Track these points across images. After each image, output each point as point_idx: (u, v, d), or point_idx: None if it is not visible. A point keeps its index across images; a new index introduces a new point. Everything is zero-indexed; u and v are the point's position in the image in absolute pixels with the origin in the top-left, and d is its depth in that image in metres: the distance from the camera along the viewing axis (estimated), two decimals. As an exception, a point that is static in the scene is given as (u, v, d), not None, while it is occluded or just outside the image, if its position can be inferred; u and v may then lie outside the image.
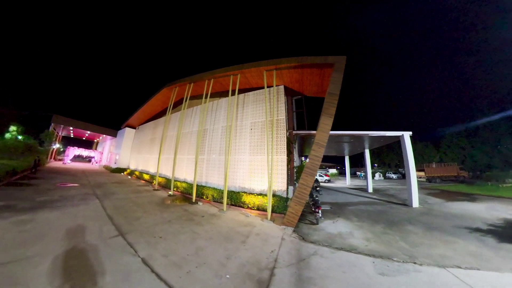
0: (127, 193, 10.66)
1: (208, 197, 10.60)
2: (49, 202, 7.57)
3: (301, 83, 11.69)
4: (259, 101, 11.83)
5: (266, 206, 8.86)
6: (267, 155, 10.28)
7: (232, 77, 11.71)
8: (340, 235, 6.24)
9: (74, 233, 4.93)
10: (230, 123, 10.83)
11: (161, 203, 9.09)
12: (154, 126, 21.41)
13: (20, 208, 6.59)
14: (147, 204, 8.60)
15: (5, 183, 10.70)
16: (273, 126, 9.90)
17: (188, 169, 13.43)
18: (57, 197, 8.45)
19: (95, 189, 11.24)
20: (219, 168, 11.69)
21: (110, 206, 7.72)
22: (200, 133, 11.67)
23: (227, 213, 8.37)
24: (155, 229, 5.74)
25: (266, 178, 10.04)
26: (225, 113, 12.79)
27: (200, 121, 13.04)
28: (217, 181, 11.55)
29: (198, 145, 11.29)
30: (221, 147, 11.97)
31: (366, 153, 19.53)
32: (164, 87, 17.42)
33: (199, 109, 14.77)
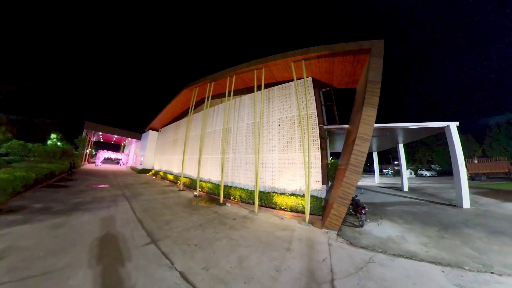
0: (153, 194, 10.49)
1: (235, 198, 10.01)
2: (82, 204, 7.50)
3: (331, 74, 10.61)
4: (285, 96, 10.98)
5: (300, 207, 8.07)
6: (301, 152, 9.49)
7: (256, 71, 11.00)
8: (391, 239, 5.46)
9: (106, 239, 4.55)
10: (256, 120, 10.16)
11: (188, 205, 8.69)
12: (176, 127, 21.57)
13: (55, 210, 6.52)
14: (174, 206, 8.23)
15: (45, 185, 11.15)
16: (307, 120, 9.04)
17: (212, 169, 13.01)
18: (89, 198, 8.43)
19: (123, 189, 11.26)
20: (246, 168, 11.06)
21: (139, 208, 7.44)
22: (225, 132, 11.14)
23: (259, 215, 7.68)
24: (188, 234, 5.20)
25: (298, 177, 9.20)
26: (249, 110, 12.15)
27: (223, 119, 12.55)
28: (243, 181, 10.92)
29: (224, 144, 10.78)
30: (247, 146, 11.34)
31: (400, 148, 17.61)
32: (184, 88, 17.30)
33: (221, 108, 14.32)
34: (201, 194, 11.34)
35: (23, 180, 8.68)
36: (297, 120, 10.08)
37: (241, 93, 13.59)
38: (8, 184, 7.80)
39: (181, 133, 19.54)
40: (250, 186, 10.59)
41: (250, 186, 10.59)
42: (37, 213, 6.15)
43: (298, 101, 9.00)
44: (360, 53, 8.49)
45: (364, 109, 6.90)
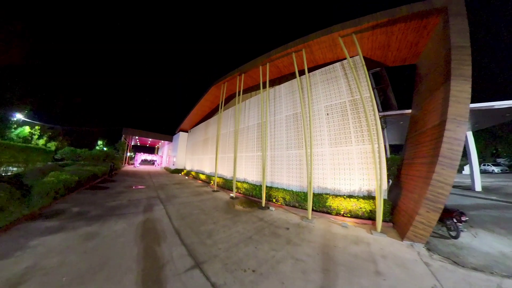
0: (188, 195, 9.67)
1: (278, 201, 8.58)
2: (117, 208, 6.88)
3: (385, 49, 8.48)
4: (331, 80, 9.14)
5: (362, 212, 6.35)
6: (358, 144, 7.63)
7: (294, 55, 9.39)
8: (507, 256, 4.05)
9: (138, 260, 3.49)
10: (301, 110, 8.59)
11: (227, 209, 7.53)
12: (205, 127, 21.11)
13: (90, 216, 5.92)
14: (213, 211, 7.13)
15: (88, 187, 11.26)
16: (363, 106, 7.16)
17: (247, 168, 11.79)
18: (125, 201, 7.87)
19: (158, 191, 10.73)
20: (288, 166, 9.53)
21: (175, 213, 6.50)
22: (263, 126, 9.78)
23: (315, 223, 6.12)
24: (239, 253, 3.91)
25: (357, 175, 7.36)
26: (287, 100, 10.59)
27: (260, 113, 11.28)
28: (286, 180, 9.42)
29: (264, 140, 9.42)
30: (289, 140, 9.80)
31: (469, 137, 14.08)
32: (212, 86, 16.48)
33: (253, 102, 13.02)
34: (237, 195, 10.19)
35: (66, 183, 8.58)
36: (350, 106, 8.20)
37: (273, 83, 12.12)
38: (51, 187, 7.66)
39: (211, 132, 18.91)
40: (294, 186, 9.04)
41: (294, 186, 9.04)
42: (73, 219, 5.59)
43: (358, 81, 7.13)
44: (429, 15, 6.35)
45: (453, 83, 4.94)
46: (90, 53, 76.54)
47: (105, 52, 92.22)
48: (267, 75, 10.09)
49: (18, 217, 5.58)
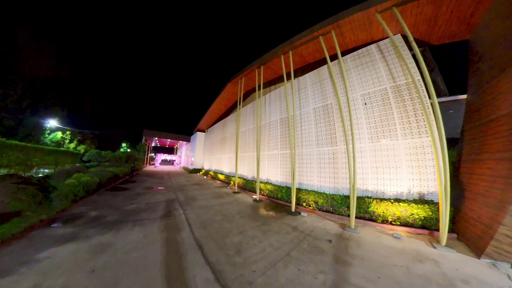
0: (208, 198, 8.97)
1: (309, 205, 7.51)
2: (135, 212, 6.34)
3: (432, 23, 7.01)
4: (366, 64, 7.83)
5: (413, 219, 5.16)
6: (406, 138, 6.30)
7: (321, 38, 8.19)
8: None
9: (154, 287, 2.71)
10: (326, 102, 7.42)
11: (253, 214, 6.64)
12: (222, 125, 20.56)
13: (106, 222, 5.40)
14: (237, 217, 6.29)
15: (110, 188, 11.16)
16: (418, 90, 5.81)
17: (270, 168, 10.82)
18: (143, 204, 7.37)
19: (177, 192, 10.22)
20: (319, 164, 8.39)
21: (195, 220, 5.76)
22: (290, 121, 8.76)
23: (360, 233, 5.02)
24: (279, 278, 2.98)
25: (405, 174, 6.10)
26: (314, 91, 9.42)
27: (282, 107, 10.28)
28: (317, 182, 8.28)
29: (293, 136, 8.39)
30: (319, 136, 8.64)
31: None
32: (228, 83, 15.73)
33: (274, 96, 12.00)
34: (261, 198, 9.27)
35: (87, 185, 8.36)
36: (393, 94, 6.87)
37: (296, 74, 10.98)
38: (71, 190, 7.42)
39: (228, 131, 18.27)
40: (327, 188, 7.89)
41: (327, 188, 7.89)
42: (88, 225, 5.11)
43: (405, 63, 5.80)
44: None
45: None
46: (110, 59, 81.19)
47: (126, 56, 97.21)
48: (291, 64, 8.99)
49: (34, 222, 5.26)
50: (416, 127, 6.17)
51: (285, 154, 9.95)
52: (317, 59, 10.54)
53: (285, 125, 10.35)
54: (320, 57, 10.25)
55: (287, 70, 10.45)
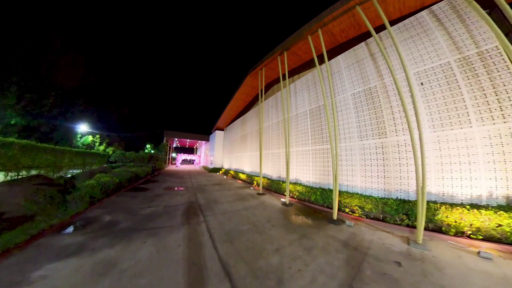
0: (231, 201, 8.03)
1: (353, 211, 6.14)
2: (151, 218, 5.62)
3: None
4: (417, 36, 6.22)
5: (502, 232, 3.61)
6: (484, 124, 4.63)
7: (359, 8, 6.68)
8: None
9: None
10: (369, 85, 5.94)
11: (286, 223, 5.49)
12: (241, 122, 19.69)
13: (118, 229, 4.71)
14: (267, 226, 5.20)
15: (130, 188, 10.91)
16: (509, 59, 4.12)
17: (299, 166, 9.54)
18: (161, 208, 6.67)
19: (197, 194, 9.50)
20: (364, 162, 6.93)
21: (219, 231, 4.78)
22: (328, 109, 7.44)
23: (433, 251, 3.71)
24: None
25: (483, 171, 4.48)
26: (350, 74, 7.94)
27: (311, 96, 8.97)
28: (360, 182, 6.84)
29: (335, 127, 7.08)
30: (362, 127, 7.16)
31: None
32: (247, 76, 14.68)
33: (300, 85, 10.66)
34: (291, 201, 8.05)
35: (105, 186, 7.99)
36: (459, 69, 5.23)
37: (331, 54, 9.52)
38: (87, 191, 7.03)
39: (248, 128, 17.31)
40: (374, 191, 6.43)
41: (374, 191, 6.43)
42: (99, 234, 4.46)
43: (479, 27, 4.16)
44: None
45: None
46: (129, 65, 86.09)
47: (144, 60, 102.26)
48: (322, 43, 7.59)
49: (43, 228, 4.78)
50: (498, 109, 4.51)
51: (319, 150, 8.59)
52: (350, 37, 8.99)
53: (317, 116, 8.98)
54: (354, 34, 8.69)
55: (317, 52, 9.07)
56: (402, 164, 6.02)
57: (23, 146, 10.63)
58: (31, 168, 11.55)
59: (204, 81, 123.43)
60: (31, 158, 11.53)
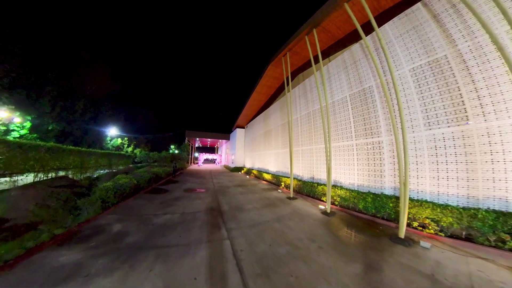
0: (258, 207, 6.82)
1: (424, 226, 4.49)
2: (164, 230, 4.70)
3: None
4: None
5: None
6: None
7: None
8: None
9: None
10: (436, 55, 4.17)
11: (338, 244, 4.09)
12: (264, 118, 18.45)
13: (124, 245, 3.86)
14: (313, 248, 3.87)
15: (150, 189, 10.48)
16: None
17: (337, 165, 7.94)
18: (178, 215, 5.77)
19: (219, 197, 8.54)
20: (435, 158, 5.17)
21: (249, 258, 3.59)
22: (386, 90, 5.82)
23: None
24: None
25: None
26: (405, 44, 6.14)
27: (349, 80, 7.38)
28: (431, 187, 5.08)
29: (401, 112, 5.48)
30: (428, 111, 5.38)
31: None
32: (269, 65, 13.30)
33: (335, 67, 8.99)
34: (333, 208, 6.53)
35: (121, 189, 7.44)
36: None
37: (365, 30, 7.74)
38: (101, 194, 6.48)
39: (272, 123, 15.97)
40: (453, 198, 4.66)
41: (453, 198, 4.66)
42: (101, 251, 3.69)
43: None
44: None
45: None
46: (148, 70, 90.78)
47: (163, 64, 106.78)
48: (367, 8, 5.90)
49: (43, 240, 4.16)
50: None
51: (367, 144, 6.93)
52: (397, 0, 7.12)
53: (361, 102, 7.29)
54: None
55: (363, 19, 7.39)
56: (496, 161, 4.20)
57: (49, 148, 10.92)
58: (59, 170, 11.95)
59: (222, 78, 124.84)
60: (59, 160, 11.93)
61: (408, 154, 4.92)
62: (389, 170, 6.16)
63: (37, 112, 21.10)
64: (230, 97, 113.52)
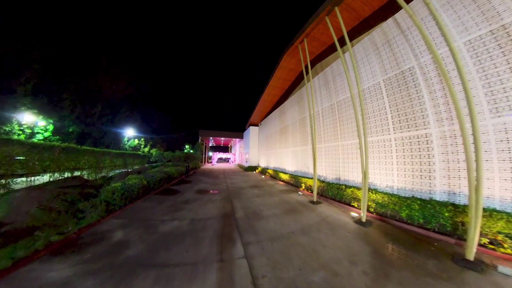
0: (279, 214, 5.95)
1: (499, 243, 3.36)
2: (169, 241, 4.07)
3: None
4: None
5: None
6: None
7: None
8: None
9: None
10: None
11: (387, 268, 3.13)
12: (280, 113, 17.51)
13: (122, 260, 3.27)
14: (357, 275, 2.96)
15: (161, 190, 10.12)
16: None
17: (372, 165, 6.81)
18: (186, 222, 5.13)
19: (233, 200, 7.85)
20: (504, 154, 3.98)
21: (274, 286, 2.82)
22: (438, 63, 4.72)
23: None
24: None
25: None
26: (452, 13, 4.90)
27: (383, 62, 6.33)
28: (499, 191, 3.90)
29: (468, 94, 4.41)
30: (494, 95, 4.19)
31: None
32: (283, 55, 12.27)
33: (360, 51, 7.84)
34: (369, 217, 5.49)
35: (128, 190, 7.03)
36: None
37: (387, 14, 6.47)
38: (107, 196, 6.08)
39: (289, 118, 14.98)
40: None
41: None
42: (92, 268, 3.11)
43: None
44: None
45: None
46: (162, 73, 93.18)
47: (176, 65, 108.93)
48: None
49: (36, 249, 3.73)
50: None
51: (409, 138, 5.78)
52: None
53: (400, 87, 6.13)
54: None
55: None
56: None
57: (64, 149, 11.07)
58: (74, 170, 12.12)
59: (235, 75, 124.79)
60: (74, 160, 12.11)
61: (481, 149, 3.76)
62: (441, 170, 4.99)
63: (57, 115, 22.17)
64: (242, 94, 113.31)
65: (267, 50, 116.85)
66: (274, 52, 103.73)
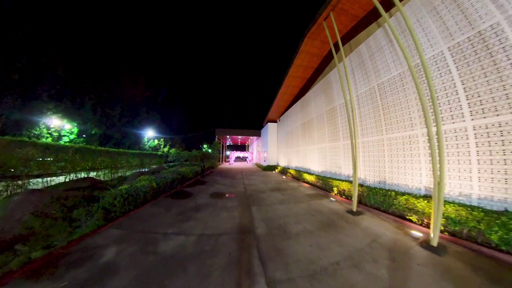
0: (312, 230, 4.69)
1: None
2: (169, 269, 3.15)
3: None
4: None
5: None
6: None
7: None
8: None
9: None
10: None
11: None
12: (301, 106, 16.04)
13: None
14: None
15: (174, 191, 9.54)
16: None
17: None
18: (194, 240, 4.19)
19: (252, 207, 6.81)
20: None
21: None
22: None
23: None
24: None
25: None
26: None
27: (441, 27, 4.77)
28: None
29: None
30: None
31: None
32: (304, 38, 10.75)
33: (400, 23, 6.19)
34: (443, 239, 4.01)
35: (134, 194, 6.36)
36: None
37: None
38: (108, 201, 5.43)
39: (314, 111, 13.46)
40: None
41: None
42: None
43: None
44: None
45: None
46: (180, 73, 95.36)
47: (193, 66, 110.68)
48: None
49: (10, 269, 3.06)
50: None
51: (500, 124, 4.15)
52: None
53: (472, 57, 4.48)
54: None
55: None
56: None
57: (78, 149, 11.08)
58: (90, 170, 12.18)
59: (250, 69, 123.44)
60: (90, 161, 12.15)
61: None
62: None
63: (80, 118, 23.32)
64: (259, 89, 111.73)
65: (285, 38, 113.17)
66: (293, 40, 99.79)
